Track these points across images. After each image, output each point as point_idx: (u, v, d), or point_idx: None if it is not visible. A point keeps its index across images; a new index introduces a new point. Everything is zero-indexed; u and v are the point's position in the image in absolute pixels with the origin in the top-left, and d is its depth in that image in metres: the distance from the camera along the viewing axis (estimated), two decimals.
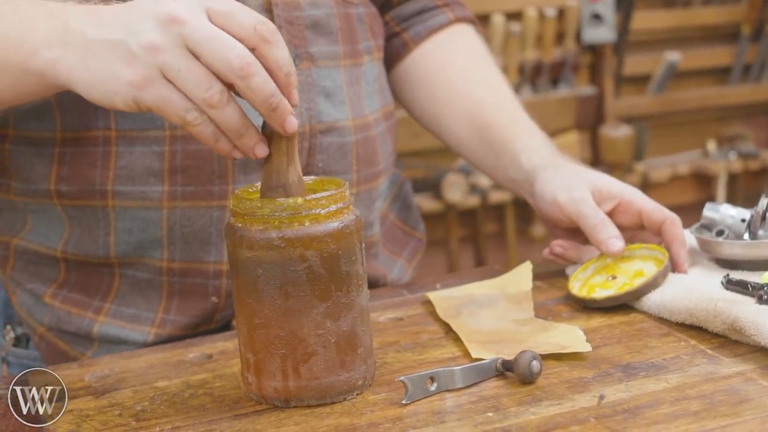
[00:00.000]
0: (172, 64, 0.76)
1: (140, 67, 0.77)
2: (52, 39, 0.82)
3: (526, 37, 3.10)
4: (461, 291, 1.09)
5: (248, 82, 0.77)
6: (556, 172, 1.12)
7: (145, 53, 0.76)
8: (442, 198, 3.07)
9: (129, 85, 0.77)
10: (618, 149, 3.20)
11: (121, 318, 1.05)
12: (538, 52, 3.15)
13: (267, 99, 0.78)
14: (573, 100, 3.22)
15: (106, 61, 0.78)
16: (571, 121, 3.23)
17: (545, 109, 3.19)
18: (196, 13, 0.77)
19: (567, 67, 3.19)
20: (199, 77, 0.76)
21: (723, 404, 0.79)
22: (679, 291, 0.98)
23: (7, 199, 1.07)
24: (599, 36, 3.13)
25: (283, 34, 1.03)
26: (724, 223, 1.09)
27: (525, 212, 3.24)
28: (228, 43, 0.76)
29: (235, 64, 0.76)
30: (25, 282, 1.08)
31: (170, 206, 1.02)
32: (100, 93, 0.79)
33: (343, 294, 0.83)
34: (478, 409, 0.81)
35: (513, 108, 1.21)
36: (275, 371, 0.84)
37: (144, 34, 0.77)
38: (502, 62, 3.10)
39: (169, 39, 0.76)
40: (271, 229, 0.81)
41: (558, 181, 1.11)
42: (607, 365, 0.88)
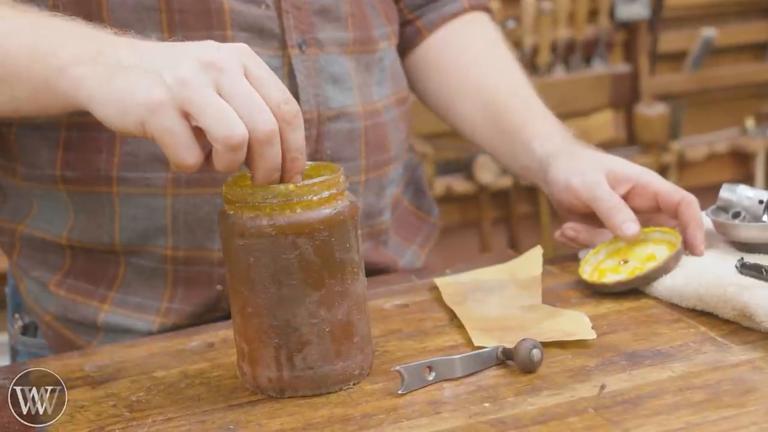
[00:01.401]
0: (199, 98, 0.75)
1: (162, 93, 0.76)
2: (84, 58, 0.81)
3: (558, 15, 3.06)
4: (470, 276, 1.06)
5: (263, 149, 0.77)
6: (570, 158, 1.09)
7: (174, 84, 0.76)
8: (474, 179, 3.04)
9: (142, 106, 0.76)
10: (653, 128, 3.15)
11: (126, 307, 1.04)
12: (571, 30, 3.11)
13: (270, 172, 0.78)
14: (607, 78, 3.17)
15: (130, 83, 0.77)
16: (606, 99, 3.19)
17: (579, 88, 3.15)
18: (235, 66, 0.77)
19: (601, 45, 3.15)
20: (227, 116, 0.75)
21: (728, 394, 0.76)
22: (691, 276, 0.95)
23: (13, 183, 1.06)
24: (633, 13, 3.09)
25: (290, 20, 1.02)
26: (741, 205, 1.05)
27: None
28: (260, 105, 0.76)
29: (261, 127, 0.76)
30: (31, 269, 1.07)
31: (174, 193, 1.01)
32: (112, 111, 0.78)
33: (338, 282, 0.81)
34: (475, 399, 0.79)
35: (527, 95, 1.19)
36: (269, 361, 0.82)
37: (179, 69, 0.76)
38: (533, 41, 3.07)
39: (204, 80, 0.76)
40: (262, 216, 0.80)
41: (571, 166, 1.08)
42: (611, 353, 0.86)
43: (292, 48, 1.03)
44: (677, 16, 3.19)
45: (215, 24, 0.99)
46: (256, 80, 0.77)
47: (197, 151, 0.77)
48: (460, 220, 3.16)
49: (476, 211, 3.14)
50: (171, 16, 0.97)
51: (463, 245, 3.12)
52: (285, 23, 1.02)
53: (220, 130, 0.75)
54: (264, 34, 1.01)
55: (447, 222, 3.18)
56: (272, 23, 1.02)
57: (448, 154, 3.11)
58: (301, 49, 1.03)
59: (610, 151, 1.10)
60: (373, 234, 1.15)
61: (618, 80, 3.18)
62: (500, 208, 3.18)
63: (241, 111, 0.76)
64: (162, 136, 0.76)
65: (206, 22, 0.98)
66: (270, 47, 1.01)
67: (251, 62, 0.78)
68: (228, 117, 0.75)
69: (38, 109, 0.88)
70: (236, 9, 0.99)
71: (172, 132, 0.76)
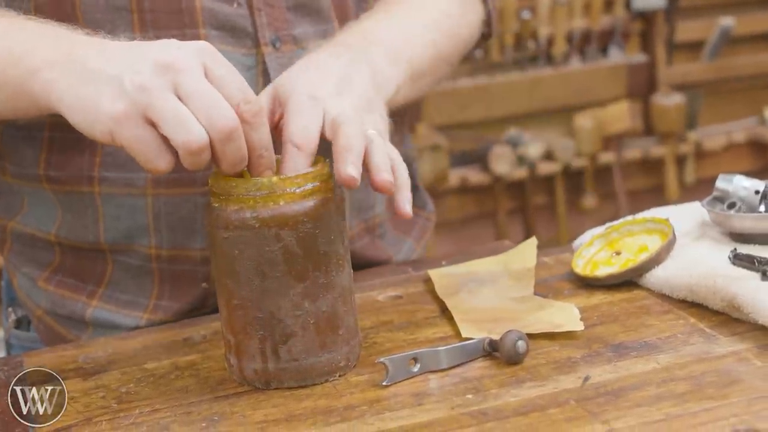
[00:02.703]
0: (158, 105, 0.76)
1: (125, 104, 0.77)
2: (55, 61, 0.82)
3: (573, 5, 3.06)
4: (464, 268, 1.06)
5: (224, 146, 0.77)
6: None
7: (134, 91, 0.77)
8: (490, 170, 3.04)
9: (109, 118, 0.78)
10: (670, 118, 3.14)
11: (114, 303, 1.04)
12: (587, 20, 3.10)
13: (235, 165, 0.79)
14: (624, 68, 3.16)
15: (96, 91, 0.79)
16: (622, 89, 3.18)
17: (595, 78, 3.14)
18: (194, 66, 0.78)
19: (617, 35, 3.13)
20: (184, 121, 0.76)
21: (711, 386, 0.76)
22: (683, 267, 0.94)
23: (4, 180, 1.07)
24: (650, 2, 3.07)
25: (263, 17, 1.02)
26: (737, 195, 1.04)
27: (575, 183, 3.20)
28: (217, 103, 0.77)
29: (219, 124, 0.77)
30: (21, 265, 1.08)
31: (155, 193, 1.01)
32: (82, 120, 0.80)
33: (322, 274, 0.82)
34: (459, 391, 0.79)
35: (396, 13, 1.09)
36: (255, 353, 0.83)
37: (139, 74, 0.77)
38: (549, 31, 3.06)
39: (161, 83, 0.77)
40: (246, 208, 0.80)
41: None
42: (599, 344, 0.85)
43: (265, 46, 1.02)
44: (694, 5, 3.17)
45: (187, 23, 0.98)
46: (216, 79, 0.78)
47: (167, 156, 0.78)
48: (475, 211, 3.16)
49: (492, 202, 3.14)
50: (142, 16, 0.97)
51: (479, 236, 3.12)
52: (257, 21, 1.02)
53: (179, 136, 0.76)
54: (236, 33, 1.01)
55: (462, 213, 3.19)
56: (244, 21, 1.01)
57: (464, 145, 3.11)
58: (275, 47, 1.02)
59: (626, 141, 1.05)
60: (368, 228, 1.15)
61: (635, 70, 3.16)
62: (516, 199, 3.17)
63: (198, 112, 0.76)
64: (131, 145, 0.78)
65: (178, 21, 0.98)
66: (243, 45, 1.01)
67: (211, 61, 0.79)
68: (185, 121, 0.76)
69: (16, 112, 0.90)
70: (207, 7, 0.99)
71: (139, 141, 0.77)
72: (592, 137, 3.10)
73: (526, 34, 3.07)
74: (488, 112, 3.11)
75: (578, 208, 3.19)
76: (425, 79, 1.10)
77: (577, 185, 3.20)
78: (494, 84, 3.09)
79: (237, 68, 0.99)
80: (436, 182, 2.98)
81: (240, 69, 1.00)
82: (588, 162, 3.13)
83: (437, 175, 2.96)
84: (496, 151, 3.03)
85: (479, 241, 3.00)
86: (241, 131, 0.78)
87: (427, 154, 2.93)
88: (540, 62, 3.10)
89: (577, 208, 3.19)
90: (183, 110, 0.76)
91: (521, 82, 3.10)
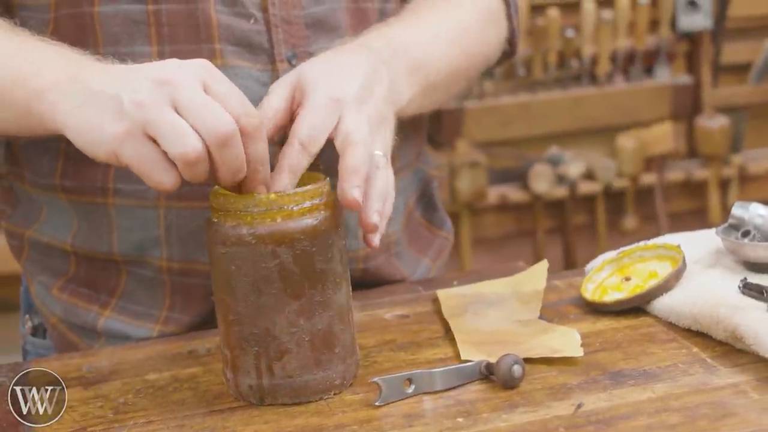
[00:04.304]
0: (155, 120, 0.78)
1: (125, 122, 0.79)
2: (60, 82, 0.84)
3: (618, 24, 3.03)
4: (473, 289, 1.06)
5: (222, 152, 0.78)
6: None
7: (132, 109, 0.78)
8: (529, 188, 3.02)
9: (111, 138, 0.79)
10: (714, 140, 3.10)
11: (126, 314, 1.05)
12: (631, 40, 3.07)
13: (234, 173, 0.80)
14: (668, 89, 3.13)
15: (97, 112, 0.81)
16: (666, 110, 3.15)
17: (639, 98, 3.12)
18: (191, 81, 0.79)
19: (662, 56, 3.10)
20: (180, 132, 0.77)
21: (704, 418, 0.75)
22: (689, 295, 0.93)
23: (23, 188, 1.09)
24: (695, 23, 3.04)
25: (280, 33, 1.02)
26: (752, 223, 1.03)
27: (616, 204, 3.17)
28: (214, 111, 0.78)
29: (215, 131, 0.78)
30: (37, 274, 1.09)
31: (166, 206, 1.02)
32: (85, 141, 0.82)
33: (318, 292, 0.82)
34: (450, 414, 0.79)
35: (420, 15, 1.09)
36: (250, 368, 0.83)
37: (137, 93, 0.79)
38: (593, 50, 3.04)
39: (159, 98, 0.78)
40: (243, 224, 0.81)
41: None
42: (597, 371, 0.85)
43: (281, 62, 1.02)
44: (741, 27, 3.14)
45: (203, 38, 0.99)
46: (216, 95, 0.79)
47: (171, 172, 0.79)
48: (514, 229, 3.14)
49: (531, 221, 3.12)
50: (160, 30, 0.98)
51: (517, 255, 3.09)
52: (274, 37, 1.02)
53: (176, 147, 0.77)
54: (253, 49, 1.01)
55: (501, 231, 3.17)
56: (261, 37, 1.02)
57: (504, 163, 3.10)
58: (290, 63, 1.03)
59: (669, 162, 1.03)
60: (384, 246, 1.14)
61: (679, 91, 3.13)
62: (555, 218, 3.15)
63: (195, 121, 0.77)
64: (135, 163, 0.79)
65: (194, 35, 0.99)
66: (259, 61, 1.02)
67: (210, 78, 0.80)
68: (182, 133, 0.77)
69: (23, 131, 0.92)
70: (224, 23, 1.00)
71: (143, 158, 0.78)
72: (634, 158, 3.07)
73: (570, 53, 3.05)
74: (530, 130, 3.10)
75: (619, 229, 3.16)
76: (440, 94, 1.10)
77: (618, 206, 3.17)
78: (536, 102, 3.07)
79: (252, 84, 1.01)
80: (475, 199, 2.97)
81: (255, 85, 1.01)
82: (629, 183, 3.11)
83: (475, 192, 2.95)
84: (535, 169, 3.01)
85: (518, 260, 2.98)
86: (239, 138, 0.78)
87: (466, 170, 2.93)
88: (583, 81, 3.08)
89: (617, 229, 3.16)
90: (179, 122, 0.77)
91: (564, 101, 3.09)
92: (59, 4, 0.99)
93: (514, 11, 1.19)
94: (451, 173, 2.94)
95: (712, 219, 3.16)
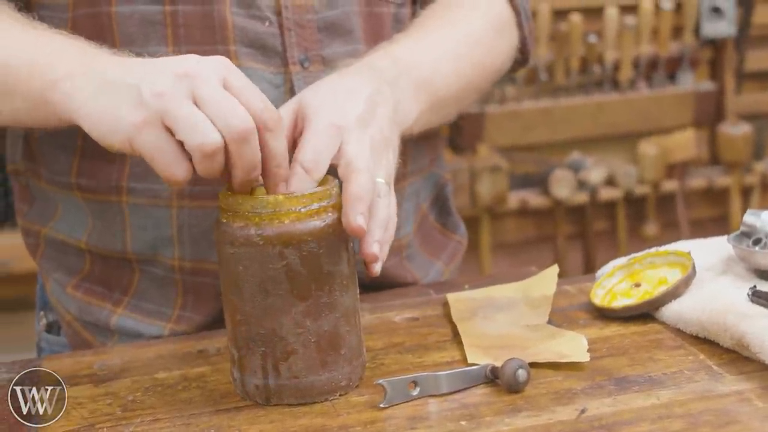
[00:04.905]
0: (174, 110, 0.78)
1: (143, 111, 0.79)
2: (75, 72, 0.85)
3: (641, 31, 3.02)
4: (483, 293, 1.06)
5: (240, 148, 0.79)
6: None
7: (152, 99, 0.79)
8: (550, 194, 3.02)
9: (128, 126, 0.80)
10: (737, 147, 3.09)
11: (138, 312, 1.06)
12: (654, 46, 3.06)
13: (250, 171, 0.80)
14: (691, 96, 3.12)
15: (115, 101, 0.81)
16: (689, 117, 3.13)
17: (661, 105, 3.10)
18: (210, 75, 0.80)
19: (685, 62, 3.09)
20: (199, 124, 0.78)
21: (707, 425, 0.75)
22: (698, 302, 0.93)
23: (39, 186, 1.10)
24: (719, 30, 3.03)
25: (293, 36, 1.03)
26: (764, 231, 1.03)
27: (637, 211, 3.16)
28: (233, 106, 0.79)
29: (234, 126, 0.78)
30: (52, 271, 1.10)
31: (179, 205, 1.03)
32: (100, 130, 0.82)
33: (325, 293, 0.82)
34: (454, 417, 0.79)
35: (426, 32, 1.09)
36: (256, 368, 0.83)
37: (156, 84, 0.79)
38: (615, 56, 3.03)
39: (179, 90, 0.79)
40: (251, 225, 0.81)
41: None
42: (602, 377, 0.85)
43: (293, 65, 1.03)
44: (765, 34, 3.12)
45: (218, 39, 1.00)
46: (235, 89, 0.79)
47: (185, 164, 0.79)
48: (534, 234, 3.14)
49: (551, 226, 3.11)
50: (176, 31, 0.99)
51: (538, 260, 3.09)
52: (287, 40, 1.03)
53: (194, 138, 0.77)
54: (266, 51, 1.02)
55: (521, 236, 3.17)
56: (274, 40, 1.03)
57: (525, 168, 3.09)
58: (303, 66, 1.03)
59: (691, 169, 1.02)
60: (395, 249, 1.15)
61: (702, 98, 3.12)
62: (576, 224, 3.14)
63: (215, 116, 0.78)
64: (149, 152, 0.79)
65: (210, 37, 1.00)
66: (272, 64, 1.02)
67: (230, 74, 0.80)
68: (201, 124, 0.77)
69: (37, 122, 0.92)
70: (239, 25, 1.01)
71: (157, 148, 0.79)
72: (656, 164, 3.06)
73: (592, 59, 3.04)
74: (551, 136, 3.09)
75: (640, 236, 3.15)
76: (449, 108, 1.11)
77: (639, 212, 3.16)
78: (558, 107, 3.07)
79: (265, 86, 1.02)
80: (495, 204, 2.97)
81: (268, 87, 1.02)
82: (651, 189, 3.10)
83: (496, 196, 2.95)
84: (556, 174, 3.01)
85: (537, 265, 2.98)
86: (256, 135, 0.79)
87: (487, 175, 2.93)
88: (605, 87, 3.08)
89: (638, 236, 3.15)
90: (198, 114, 0.78)
91: (586, 107, 3.08)
92: (77, 4, 1.01)
93: (525, 19, 1.20)
94: (471, 177, 2.94)
95: (733, 226, 3.14)
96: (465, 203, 2.92)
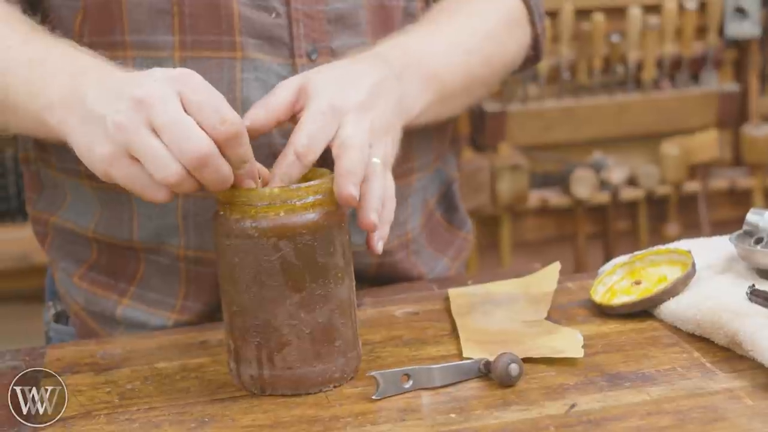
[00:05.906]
0: (135, 144, 0.80)
1: (110, 145, 0.81)
2: (65, 99, 0.87)
3: (664, 31, 3.01)
4: (483, 288, 1.07)
5: (201, 171, 0.80)
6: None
7: (115, 132, 0.81)
8: (570, 193, 3.01)
9: (101, 159, 0.82)
10: (760, 149, 3.07)
11: (143, 302, 1.08)
12: (678, 46, 3.05)
13: (218, 186, 0.82)
14: (715, 96, 3.10)
15: (90, 133, 0.83)
16: (712, 118, 3.11)
17: (684, 105, 3.09)
18: (165, 97, 0.80)
19: (709, 63, 3.07)
20: (158, 157, 0.79)
21: (695, 421, 0.75)
22: (695, 300, 0.93)
23: (50, 174, 1.12)
24: (743, 31, 3.01)
25: (302, 28, 1.03)
26: (766, 230, 1.03)
27: (658, 211, 3.14)
28: (187, 132, 0.79)
29: (189, 154, 0.79)
30: (60, 260, 1.12)
31: (185, 194, 1.04)
32: (85, 159, 0.85)
33: (319, 286, 0.83)
34: (444, 410, 0.80)
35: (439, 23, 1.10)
36: (251, 359, 0.85)
37: (117, 114, 0.81)
38: (638, 56, 3.02)
39: (137, 120, 0.80)
40: (247, 218, 0.82)
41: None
42: (595, 373, 0.85)
43: (300, 57, 1.04)
44: None
45: (225, 29, 1.01)
46: (192, 105, 0.80)
47: (163, 188, 0.81)
48: (555, 233, 3.13)
49: (572, 226, 3.11)
50: (182, 20, 1.00)
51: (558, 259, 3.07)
52: (295, 32, 1.03)
53: (157, 172, 0.80)
54: (273, 42, 1.03)
55: (541, 235, 3.16)
56: (282, 31, 1.03)
57: (546, 167, 3.09)
58: (310, 58, 1.04)
59: (714, 170, 1.02)
60: (402, 243, 1.16)
61: (726, 99, 3.10)
62: (597, 224, 3.13)
63: (171, 144, 0.79)
64: (124, 183, 0.82)
65: (216, 27, 1.01)
66: (279, 55, 1.03)
67: (187, 89, 0.81)
68: (159, 158, 0.79)
69: (41, 137, 0.96)
70: (246, 16, 1.01)
71: (131, 179, 0.81)
72: (678, 165, 3.05)
73: (615, 58, 3.03)
74: (573, 135, 3.09)
75: (661, 236, 3.13)
76: (457, 101, 1.11)
77: (660, 213, 3.15)
78: (581, 107, 3.06)
79: (272, 77, 1.02)
80: (515, 202, 2.96)
81: (275, 78, 1.02)
82: (672, 190, 3.08)
83: (516, 195, 2.95)
84: (577, 173, 3.00)
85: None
86: (216, 156, 0.80)
87: (507, 173, 2.92)
88: (628, 87, 3.07)
89: (660, 236, 3.13)
90: (156, 146, 0.79)
91: (608, 106, 3.07)
92: None
93: (537, 17, 1.20)
94: (492, 176, 2.94)
95: None
96: (485, 202, 2.92)
